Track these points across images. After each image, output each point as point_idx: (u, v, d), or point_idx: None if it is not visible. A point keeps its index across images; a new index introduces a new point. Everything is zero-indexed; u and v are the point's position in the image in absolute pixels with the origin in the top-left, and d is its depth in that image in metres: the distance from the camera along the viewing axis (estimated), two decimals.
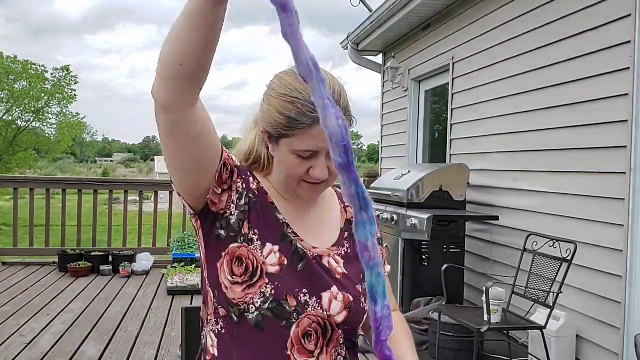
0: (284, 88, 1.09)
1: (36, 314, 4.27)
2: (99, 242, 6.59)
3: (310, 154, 1.08)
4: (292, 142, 1.07)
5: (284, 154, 1.10)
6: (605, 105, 3.21)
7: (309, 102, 1.04)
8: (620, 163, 3.06)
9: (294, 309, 1.09)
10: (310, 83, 0.61)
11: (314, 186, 1.13)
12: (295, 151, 1.08)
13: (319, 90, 0.62)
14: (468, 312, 3.40)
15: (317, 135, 1.05)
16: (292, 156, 1.08)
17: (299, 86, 1.07)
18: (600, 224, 3.22)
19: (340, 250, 1.20)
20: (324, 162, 1.09)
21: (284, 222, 1.15)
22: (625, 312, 3.01)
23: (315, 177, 1.09)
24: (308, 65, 0.61)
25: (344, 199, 1.16)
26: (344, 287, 1.15)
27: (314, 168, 1.09)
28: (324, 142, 1.05)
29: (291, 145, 1.08)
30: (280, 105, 1.07)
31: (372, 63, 7.32)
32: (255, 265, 1.08)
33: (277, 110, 1.08)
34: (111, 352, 3.49)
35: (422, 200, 4.26)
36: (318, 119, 1.03)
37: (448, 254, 4.15)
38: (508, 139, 4.24)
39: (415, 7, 5.25)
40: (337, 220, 1.25)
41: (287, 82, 1.09)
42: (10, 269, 5.94)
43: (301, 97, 1.06)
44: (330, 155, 1.07)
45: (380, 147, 7.57)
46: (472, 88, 4.80)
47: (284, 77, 1.11)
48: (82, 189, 6.41)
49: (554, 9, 3.70)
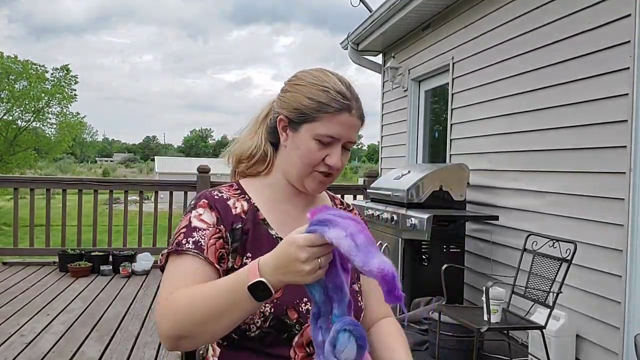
0: (314, 78, 1.16)
1: (36, 314, 4.27)
2: (99, 242, 6.59)
3: (330, 140, 1.13)
4: (316, 126, 1.12)
5: (303, 139, 1.14)
6: (605, 105, 3.21)
7: (338, 92, 1.13)
8: (620, 163, 3.06)
9: (295, 321, 1.09)
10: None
11: (324, 177, 1.16)
12: (318, 135, 1.12)
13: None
14: (468, 312, 3.40)
15: (341, 122, 1.13)
16: (313, 141, 1.13)
17: (328, 79, 1.15)
18: (600, 224, 3.22)
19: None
20: (340, 151, 1.15)
21: (277, 237, 1.16)
22: (625, 312, 3.01)
23: (331, 164, 1.14)
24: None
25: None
26: None
27: (330, 156, 1.13)
28: (346, 130, 1.14)
29: (314, 129, 1.13)
30: (310, 92, 1.14)
31: (372, 63, 7.31)
32: None
33: (305, 96, 1.14)
34: (111, 352, 3.50)
35: (422, 200, 4.27)
36: (346, 107, 1.12)
37: (448, 254, 4.15)
38: (508, 139, 4.24)
39: (415, 7, 5.25)
40: None
41: (316, 75, 1.17)
42: (11, 269, 5.94)
43: (331, 87, 1.14)
44: (344, 147, 1.15)
45: (380, 147, 7.56)
46: (472, 88, 4.80)
47: (312, 72, 1.19)
48: (82, 189, 6.41)
49: (553, 9, 3.70)
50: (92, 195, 6.46)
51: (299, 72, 1.21)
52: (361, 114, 1.16)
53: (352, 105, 1.13)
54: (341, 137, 1.13)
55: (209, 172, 6.25)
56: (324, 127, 1.12)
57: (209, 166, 6.35)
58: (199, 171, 6.26)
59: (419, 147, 6.25)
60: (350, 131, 1.14)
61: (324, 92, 1.13)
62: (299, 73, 1.21)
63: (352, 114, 1.13)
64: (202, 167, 6.30)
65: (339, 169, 1.15)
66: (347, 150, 1.16)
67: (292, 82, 1.19)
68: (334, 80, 1.15)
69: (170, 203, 6.44)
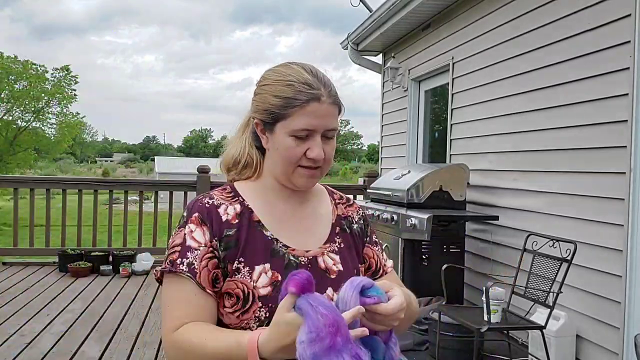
0: (277, 75, 1.14)
1: (36, 314, 4.27)
2: (99, 242, 6.59)
3: (306, 133, 1.11)
4: (289, 123, 1.10)
5: (280, 138, 1.12)
6: (605, 105, 3.21)
7: (303, 83, 1.10)
8: (620, 163, 3.06)
9: None
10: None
11: (310, 171, 1.14)
12: (293, 131, 1.10)
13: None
14: (468, 312, 3.40)
15: (312, 112, 1.10)
16: (289, 138, 1.11)
17: (291, 72, 1.13)
18: (600, 224, 3.22)
19: (333, 246, 1.20)
20: (320, 142, 1.12)
21: (272, 237, 1.15)
22: (625, 312, 3.01)
23: (313, 157, 1.11)
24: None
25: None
26: (339, 285, 1.15)
27: (311, 149, 1.11)
28: (319, 120, 1.10)
29: (288, 126, 1.11)
30: (275, 90, 1.12)
31: (372, 63, 7.32)
32: (247, 292, 1.09)
33: (272, 95, 1.12)
34: (111, 352, 3.50)
35: (422, 200, 4.27)
36: (313, 97, 1.09)
37: (448, 254, 4.15)
38: (508, 139, 4.24)
39: (415, 7, 5.25)
40: (329, 216, 1.25)
41: (279, 71, 1.15)
42: (10, 269, 5.94)
43: (295, 80, 1.11)
44: (325, 136, 1.12)
45: (380, 147, 7.56)
46: (472, 88, 4.80)
47: (276, 67, 1.18)
48: (82, 189, 6.41)
49: (553, 9, 3.70)
50: (92, 195, 6.46)
51: (265, 72, 1.19)
52: (334, 99, 1.12)
53: (320, 92, 1.10)
54: (316, 128, 1.10)
55: (208, 172, 6.26)
56: (296, 122, 1.09)
57: (208, 166, 6.35)
58: (198, 171, 6.26)
59: (419, 147, 6.26)
60: (325, 120, 1.11)
61: (288, 86, 1.10)
62: (265, 73, 1.18)
63: (322, 101, 1.10)
64: (202, 167, 6.31)
65: (325, 159, 1.13)
66: (328, 138, 1.13)
67: (259, 84, 1.17)
68: (297, 71, 1.13)
69: (170, 203, 6.44)
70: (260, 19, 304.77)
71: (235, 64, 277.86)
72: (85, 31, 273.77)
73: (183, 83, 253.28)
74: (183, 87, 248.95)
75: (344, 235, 1.24)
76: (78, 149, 68.34)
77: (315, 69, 1.15)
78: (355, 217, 1.29)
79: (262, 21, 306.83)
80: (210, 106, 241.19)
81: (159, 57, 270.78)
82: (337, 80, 1.20)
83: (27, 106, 26.66)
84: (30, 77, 26.19)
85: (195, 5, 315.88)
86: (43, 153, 29.74)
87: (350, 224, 1.27)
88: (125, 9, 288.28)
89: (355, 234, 1.27)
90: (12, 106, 26.52)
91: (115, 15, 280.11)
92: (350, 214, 1.29)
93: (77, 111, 30.19)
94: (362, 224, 1.30)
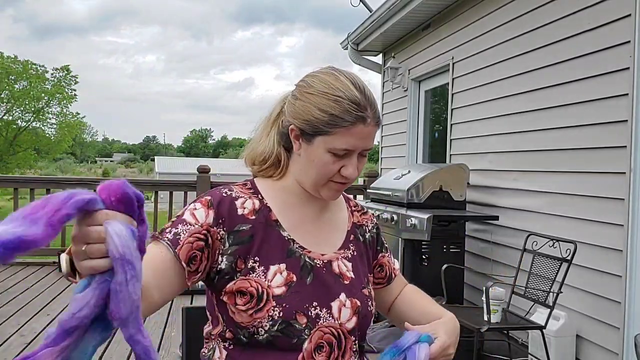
0: (325, 86, 1.09)
1: (36, 314, 4.27)
2: None
3: (345, 153, 1.09)
4: (331, 139, 1.08)
5: (317, 152, 1.10)
6: (605, 105, 3.21)
7: (352, 102, 1.06)
8: (620, 163, 3.06)
9: (304, 325, 1.07)
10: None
11: (339, 185, 1.14)
12: (333, 149, 1.08)
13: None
14: (468, 312, 3.40)
15: (356, 134, 1.07)
16: (327, 154, 1.09)
17: (340, 85, 1.08)
18: (600, 224, 3.22)
19: (347, 253, 1.20)
20: (356, 162, 1.11)
21: (289, 238, 1.14)
22: (625, 312, 3.01)
23: (347, 176, 1.11)
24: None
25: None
26: (351, 292, 1.15)
27: (346, 167, 1.10)
28: (361, 142, 1.09)
29: (329, 143, 1.08)
30: (322, 103, 1.08)
31: (372, 63, 7.32)
32: (261, 291, 1.07)
33: (317, 107, 1.08)
34: (111, 352, 3.50)
35: (422, 200, 4.27)
36: (360, 118, 1.07)
37: (448, 254, 4.15)
38: (508, 139, 4.24)
39: (415, 7, 5.25)
40: (345, 223, 1.25)
41: (327, 81, 1.10)
42: (10, 269, 5.94)
43: (344, 96, 1.07)
44: (361, 154, 1.12)
45: (380, 147, 7.56)
46: (472, 88, 4.80)
47: (322, 76, 1.12)
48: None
49: (553, 9, 3.70)
50: None
51: (308, 77, 1.14)
52: (377, 119, 1.10)
53: (367, 114, 1.07)
54: (356, 148, 1.09)
55: (208, 172, 6.26)
56: (338, 141, 1.07)
57: (208, 166, 6.35)
58: (198, 171, 6.26)
59: (419, 147, 6.26)
60: (366, 141, 1.09)
61: (336, 102, 1.06)
62: (308, 78, 1.14)
63: (367, 123, 1.07)
64: (202, 167, 6.30)
65: (355, 178, 1.14)
66: (363, 157, 1.13)
67: (302, 89, 1.13)
68: (345, 85, 1.08)
69: (170, 203, 6.43)
70: (262, 19, 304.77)
71: (236, 64, 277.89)
72: (87, 31, 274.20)
73: (184, 83, 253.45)
74: (184, 87, 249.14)
75: (357, 243, 1.24)
76: (78, 149, 68.37)
77: (363, 84, 1.11)
78: (369, 226, 1.30)
79: (264, 21, 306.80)
80: (211, 106, 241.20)
81: (161, 57, 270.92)
82: None
83: (27, 106, 26.70)
84: (30, 77, 26.23)
85: (197, 5, 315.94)
86: (43, 153, 29.76)
87: (364, 232, 1.28)
88: (127, 9, 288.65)
89: (368, 243, 1.27)
90: (12, 106, 26.55)
91: (117, 15, 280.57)
92: (364, 222, 1.29)
93: (77, 111, 30.26)
94: (374, 233, 1.30)
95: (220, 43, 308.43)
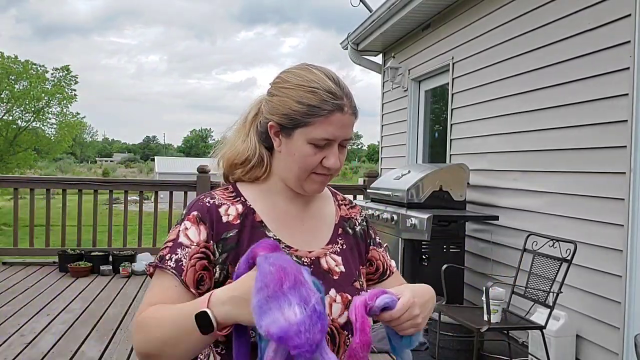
0: (300, 80, 1.11)
1: (36, 314, 4.27)
2: (99, 242, 6.59)
3: (325, 142, 1.10)
4: (310, 131, 1.09)
5: (298, 145, 1.10)
6: (605, 105, 3.21)
7: (328, 92, 1.08)
8: (620, 163, 3.06)
9: None
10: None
11: (323, 177, 1.14)
12: (313, 139, 1.09)
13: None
14: (468, 312, 3.40)
15: (335, 122, 1.08)
16: (308, 146, 1.10)
17: (315, 78, 1.10)
18: (600, 224, 3.22)
19: (335, 247, 1.20)
20: (337, 152, 1.12)
21: (275, 238, 1.13)
22: (625, 312, 3.01)
23: (329, 166, 1.11)
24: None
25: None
26: (341, 286, 1.15)
27: (327, 157, 1.11)
28: (341, 130, 1.10)
29: (308, 134, 1.09)
30: (298, 95, 1.09)
31: (372, 63, 7.32)
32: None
33: (294, 100, 1.09)
34: (111, 352, 3.50)
35: (422, 200, 4.27)
36: (338, 107, 1.08)
37: (448, 254, 4.15)
38: (508, 139, 4.24)
39: (415, 7, 5.25)
40: (332, 217, 1.25)
41: (302, 75, 1.12)
42: (10, 269, 5.94)
43: (319, 87, 1.09)
44: (341, 145, 1.12)
45: (380, 147, 7.57)
46: (472, 88, 4.80)
47: (297, 70, 1.14)
48: (82, 189, 6.40)
49: (553, 9, 3.70)
50: (92, 195, 6.46)
51: (283, 73, 1.15)
52: (354, 109, 1.12)
53: (344, 103, 1.09)
54: (337, 138, 1.10)
55: (208, 172, 6.25)
56: (318, 131, 1.08)
57: (208, 166, 6.34)
58: (198, 171, 6.26)
59: (419, 147, 6.26)
60: (345, 130, 1.11)
61: (312, 93, 1.08)
62: (283, 74, 1.15)
63: (344, 112, 1.09)
64: (202, 167, 6.30)
65: (337, 168, 1.13)
66: (343, 147, 1.14)
67: (277, 85, 1.14)
68: (321, 77, 1.10)
69: (170, 203, 6.44)
70: (265, 20, 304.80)
71: (238, 64, 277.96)
72: (90, 31, 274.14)
73: (185, 83, 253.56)
74: (185, 87, 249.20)
75: (346, 236, 1.24)
76: (78, 149, 68.40)
77: (337, 76, 1.13)
78: (358, 219, 1.29)
79: (267, 21, 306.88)
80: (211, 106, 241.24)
81: (163, 58, 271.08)
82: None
83: (27, 106, 26.68)
84: (30, 77, 26.22)
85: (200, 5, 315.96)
86: (43, 153, 29.74)
87: (353, 225, 1.27)
88: (130, 10, 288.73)
89: (359, 236, 1.26)
90: (12, 106, 26.54)
91: (121, 15, 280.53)
92: (353, 215, 1.29)
93: (77, 111, 30.23)
94: (364, 226, 1.29)
95: (223, 43, 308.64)
